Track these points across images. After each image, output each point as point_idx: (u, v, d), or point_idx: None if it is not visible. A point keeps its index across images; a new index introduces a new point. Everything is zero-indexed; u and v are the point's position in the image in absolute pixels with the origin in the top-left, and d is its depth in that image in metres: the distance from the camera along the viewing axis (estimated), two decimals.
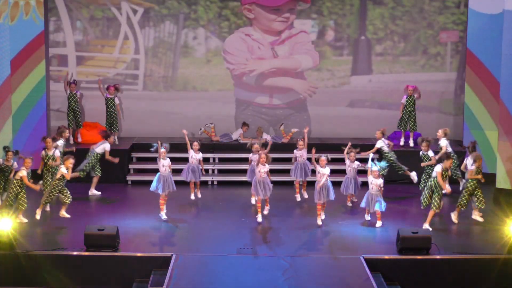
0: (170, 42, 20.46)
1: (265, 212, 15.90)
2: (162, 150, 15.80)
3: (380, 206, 15.18)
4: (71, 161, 15.51)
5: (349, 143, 16.69)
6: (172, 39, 20.44)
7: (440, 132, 17.62)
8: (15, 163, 15.99)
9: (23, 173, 15.13)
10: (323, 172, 15.28)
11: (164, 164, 15.83)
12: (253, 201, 16.64)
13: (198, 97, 20.63)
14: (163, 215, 15.74)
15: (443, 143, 17.35)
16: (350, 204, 16.76)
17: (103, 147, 17.67)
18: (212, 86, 20.61)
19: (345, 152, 16.50)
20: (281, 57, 20.37)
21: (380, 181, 15.36)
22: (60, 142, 17.21)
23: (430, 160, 16.59)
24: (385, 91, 20.64)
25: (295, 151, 17.14)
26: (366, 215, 15.60)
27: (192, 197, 17.26)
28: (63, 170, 15.40)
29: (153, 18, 20.32)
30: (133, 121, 20.41)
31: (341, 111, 20.71)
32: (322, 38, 20.59)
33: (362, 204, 15.48)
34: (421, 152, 16.89)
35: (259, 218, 15.57)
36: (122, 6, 20.24)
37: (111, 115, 19.52)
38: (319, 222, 15.36)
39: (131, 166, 19.41)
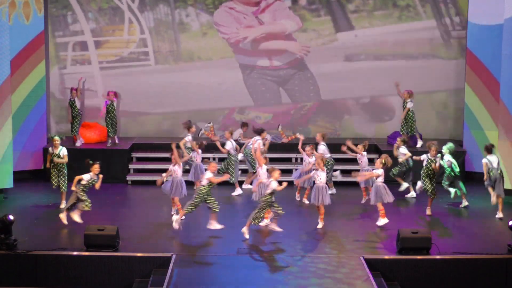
0: (168, 21, 21.32)
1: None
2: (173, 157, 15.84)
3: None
4: (96, 167, 15.26)
5: (348, 141, 17.17)
6: (169, 19, 21.32)
7: (318, 136, 17.76)
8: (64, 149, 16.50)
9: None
10: (310, 161, 15.79)
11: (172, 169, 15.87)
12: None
13: (205, 66, 21.39)
14: (173, 212, 15.77)
15: (322, 148, 17.52)
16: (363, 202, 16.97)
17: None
18: (215, 55, 21.37)
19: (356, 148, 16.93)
20: (266, 23, 21.17)
21: (380, 172, 15.35)
22: (188, 138, 17.68)
23: (435, 163, 16.37)
24: (374, 43, 21.08)
25: (304, 157, 17.08)
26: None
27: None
28: (85, 176, 15.15)
29: (149, 3, 21.20)
30: (132, 121, 20.46)
31: (340, 66, 21.21)
32: (296, 3, 21.19)
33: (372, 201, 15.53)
34: (426, 156, 16.36)
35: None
36: None
37: (111, 119, 19.52)
38: (319, 226, 15.34)
39: (131, 166, 19.44)
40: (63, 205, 16.43)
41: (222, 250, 13.91)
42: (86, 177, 15.11)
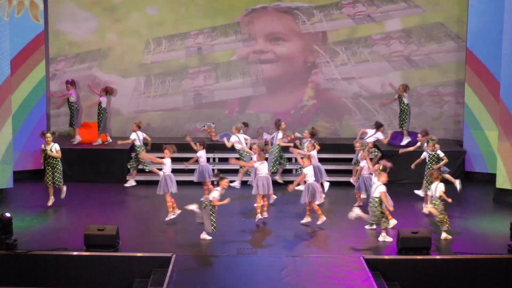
0: None
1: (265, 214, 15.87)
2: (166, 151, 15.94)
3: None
4: (226, 182, 14.57)
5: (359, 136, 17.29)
6: None
7: (234, 129, 18.06)
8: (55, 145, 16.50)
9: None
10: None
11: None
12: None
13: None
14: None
15: (234, 139, 18.03)
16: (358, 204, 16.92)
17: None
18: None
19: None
20: None
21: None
22: (280, 135, 18.15)
23: (441, 160, 16.37)
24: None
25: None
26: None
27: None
28: (214, 194, 14.43)
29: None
30: (132, 120, 20.46)
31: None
32: None
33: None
34: (427, 153, 16.48)
35: (257, 218, 15.61)
36: None
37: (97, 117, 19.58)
38: (319, 222, 15.36)
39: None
40: (50, 202, 16.44)
41: (222, 250, 13.91)
42: (215, 193, 14.43)
